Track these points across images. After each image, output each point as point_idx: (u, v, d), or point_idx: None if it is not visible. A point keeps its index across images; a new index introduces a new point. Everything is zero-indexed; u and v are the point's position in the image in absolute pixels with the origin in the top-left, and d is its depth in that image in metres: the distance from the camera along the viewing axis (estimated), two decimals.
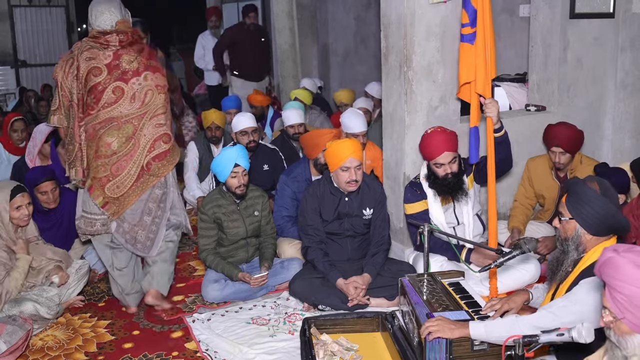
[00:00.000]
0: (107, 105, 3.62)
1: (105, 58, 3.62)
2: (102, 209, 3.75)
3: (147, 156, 3.74)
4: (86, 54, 3.61)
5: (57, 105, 3.69)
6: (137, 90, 3.66)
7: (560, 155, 4.32)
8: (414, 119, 4.25)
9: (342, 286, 3.82)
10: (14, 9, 12.54)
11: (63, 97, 3.65)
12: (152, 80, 3.72)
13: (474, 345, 2.73)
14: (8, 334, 3.34)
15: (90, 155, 3.67)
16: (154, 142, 3.75)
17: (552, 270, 2.80)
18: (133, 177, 3.72)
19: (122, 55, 3.64)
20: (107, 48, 3.63)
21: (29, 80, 12.60)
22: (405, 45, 4.15)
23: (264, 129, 7.12)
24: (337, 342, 3.26)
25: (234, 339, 3.55)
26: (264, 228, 4.32)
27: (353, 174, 3.83)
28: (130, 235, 3.82)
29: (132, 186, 3.73)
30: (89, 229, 3.81)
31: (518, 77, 5.90)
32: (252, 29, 8.05)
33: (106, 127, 3.63)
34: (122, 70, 3.63)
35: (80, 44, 3.67)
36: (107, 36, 3.64)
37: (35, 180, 4.22)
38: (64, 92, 3.64)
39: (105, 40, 3.64)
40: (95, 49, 3.62)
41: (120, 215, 3.77)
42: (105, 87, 3.60)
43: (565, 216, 2.69)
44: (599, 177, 2.79)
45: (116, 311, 4.04)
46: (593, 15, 4.96)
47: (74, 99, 3.62)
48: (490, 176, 3.64)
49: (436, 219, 3.99)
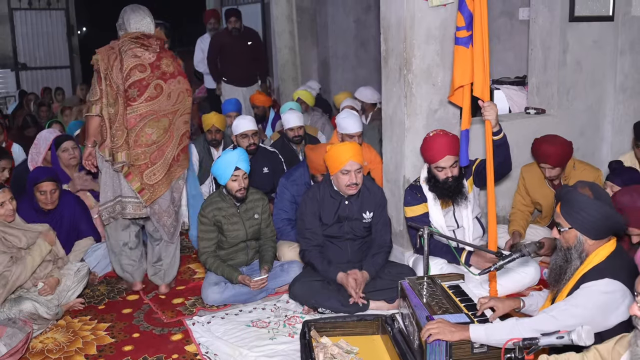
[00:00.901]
0: (150, 99, 3.98)
1: (149, 58, 4.00)
2: (138, 194, 4.06)
3: (178, 148, 4.16)
4: (131, 51, 3.96)
5: (98, 96, 3.96)
6: (172, 90, 4.08)
7: (549, 171, 4.33)
8: (413, 122, 4.26)
9: (342, 279, 3.83)
10: (14, 12, 12.57)
11: (108, 87, 3.95)
12: (183, 84, 4.17)
13: (474, 347, 2.73)
14: (8, 337, 3.34)
15: (130, 143, 3.99)
16: (182, 136, 4.20)
17: (555, 279, 2.77)
18: (167, 166, 4.10)
19: (163, 59, 4.06)
20: (149, 49, 4.02)
21: (29, 83, 12.62)
22: (405, 48, 4.16)
23: (265, 130, 7.12)
24: (337, 344, 3.26)
25: (234, 341, 3.55)
26: (263, 231, 4.33)
27: (353, 177, 3.84)
28: (159, 217, 4.18)
29: (165, 174, 4.10)
30: (137, 212, 4.12)
31: (517, 80, 5.92)
32: (234, 33, 7.80)
33: (147, 119, 3.99)
34: (162, 71, 4.04)
35: (121, 42, 4.00)
36: (150, 39, 4.04)
37: (36, 178, 4.25)
38: (109, 83, 3.95)
39: (148, 42, 4.03)
40: (139, 49, 3.99)
41: (154, 201, 4.10)
42: (149, 83, 3.98)
43: (564, 227, 2.67)
44: (588, 182, 2.78)
45: (116, 314, 4.04)
46: (592, 18, 4.97)
47: (120, 89, 3.94)
48: (490, 179, 3.65)
49: (436, 222, 4.00)
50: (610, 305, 2.51)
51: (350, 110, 5.31)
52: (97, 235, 4.60)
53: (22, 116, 8.58)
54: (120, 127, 3.97)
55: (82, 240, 4.51)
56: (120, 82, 3.93)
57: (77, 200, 4.60)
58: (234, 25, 7.82)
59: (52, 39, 13.19)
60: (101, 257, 4.57)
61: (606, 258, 2.62)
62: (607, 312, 2.51)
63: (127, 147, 3.97)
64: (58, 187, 4.34)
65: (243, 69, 7.91)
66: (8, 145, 6.13)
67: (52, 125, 6.52)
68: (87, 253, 4.52)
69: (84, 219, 4.54)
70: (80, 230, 4.53)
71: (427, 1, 4.09)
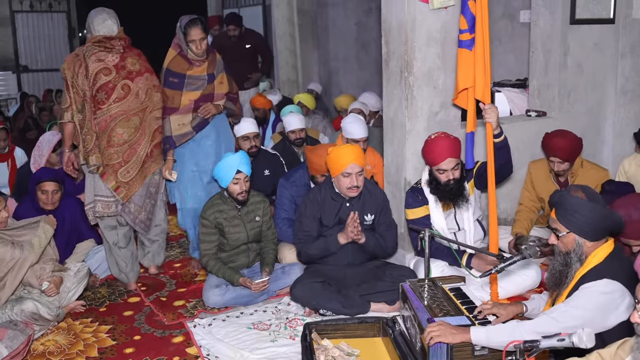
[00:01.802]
0: (118, 100, 4.12)
1: (112, 60, 4.12)
2: (114, 193, 4.20)
3: (150, 144, 4.31)
4: (94, 56, 4.08)
5: (68, 103, 4.13)
6: (140, 88, 4.20)
7: (558, 165, 4.34)
8: (414, 125, 4.26)
9: (342, 236, 3.86)
10: (16, 14, 12.59)
11: (75, 94, 4.11)
12: (151, 80, 4.28)
13: (475, 350, 2.73)
14: (9, 339, 3.35)
15: (102, 145, 4.14)
16: (154, 132, 4.33)
17: (556, 283, 2.77)
18: (140, 162, 4.25)
19: (127, 58, 4.17)
20: (112, 51, 4.12)
21: (30, 86, 12.64)
22: (406, 51, 4.16)
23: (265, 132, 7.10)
24: (338, 347, 3.26)
25: (235, 344, 3.55)
26: (265, 233, 4.33)
27: (354, 180, 3.84)
28: (134, 216, 4.34)
29: (139, 171, 4.25)
30: (106, 210, 4.26)
31: (518, 83, 5.92)
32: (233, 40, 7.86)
33: (117, 120, 4.13)
34: (127, 71, 4.15)
35: (85, 48, 4.12)
36: (112, 41, 4.12)
37: (39, 177, 4.32)
38: (75, 90, 4.10)
39: (110, 44, 4.12)
40: (102, 52, 4.10)
41: (129, 198, 4.26)
42: (115, 85, 4.10)
43: (562, 231, 2.67)
44: (581, 185, 2.78)
45: (117, 316, 4.04)
46: (593, 21, 4.98)
47: (87, 95, 4.09)
48: (491, 182, 3.65)
49: (437, 225, 4.00)
50: (609, 306, 2.52)
51: (356, 114, 5.28)
52: (98, 237, 4.60)
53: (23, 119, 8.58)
54: (89, 131, 4.13)
55: (83, 242, 4.53)
56: (87, 88, 4.07)
57: (78, 203, 4.60)
58: (233, 33, 7.87)
59: (54, 42, 13.21)
60: (102, 259, 4.57)
61: (604, 259, 2.63)
62: (607, 313, 2.52)
63: (97, 149, 4.14)
64: (60, 189, 4.35)
65: (240, 72, 7.88)
66: (11, 150, 6.14)
67: (53, 127, 6.53)
68: (88, 255, 4.53)
69: (84, 221, 4.54)
70: (81, 233, 4.55)
71: (428, 4, 4.10)
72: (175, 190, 4.64)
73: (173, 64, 4.44)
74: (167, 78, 4.44)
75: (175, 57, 4.45)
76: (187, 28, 4.36)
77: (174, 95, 4.44)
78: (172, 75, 4.44)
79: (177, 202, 4.68)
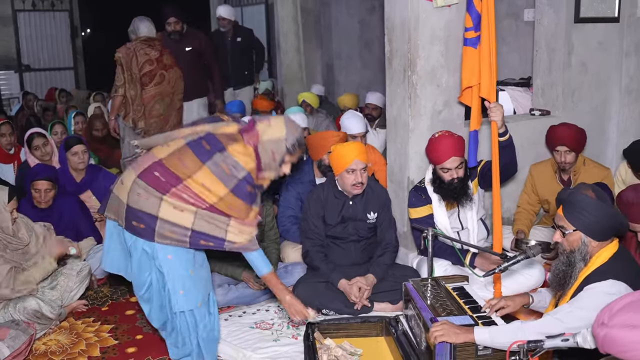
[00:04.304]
0: (157, 84, 5.75)
1: (154, 54, 5.71)
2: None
3: (177, 117, 5.97)
4: (142, 51, 5.65)
5: (122, 82, 5.62)
6: (171, 77, 5.84)
7: (565, 155, 4.33)
8: (418, 123, 4.25)
9: (345, 287, 3.81)
10: (18, 13, 12.60)
11: (129, 75, 5.60)
12: (177, 72, 5.91)
13: (478, 350, 2.71)
14: (11, 339, 3.34)
15: (146, 114, 5.73)
16: (178, 109, 6.04)
17: (559, 284, 2.75)
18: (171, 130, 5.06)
19: (164, 55, 5.79)
20: (154, 48, 5.72)
21: (32, 85, 12.65)
22: (410, 49, 4.14)
23: None
24: (341, 346, 3.25)
25: (237, 343, 3.54)
26: (267, 233, 4.31)
27: (359, 177, 3.82)
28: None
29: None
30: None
31: (522, 82, 5.90)
32: (174, 37, 6.46)
33: (155, 99, 5.75)
34: (163, 64, 5.77)
35: (135, 44, 5.66)
36: (154, 41, 5.75)
37: (34, 175, 4.31)
38: (129, 73, 5.60)
39: (153, 43, 5.73)
40: (147, 48, 5.68)
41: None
42: (155, 73, 5.72)
43: (569, 229, 2.65)
44: (590, 184, 2.78)
45: (119, 315, 4.03)
46: (598, 19, 4.96)
47: (136, 78, 5.62)
48: (495, 181, 3.63)
49: (440, 224, 3.99)
50: None
51: (353, 110, 5.33)
52: (98, 236, 4.59)
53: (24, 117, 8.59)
54: (139, 103, 5.69)
55: (83, 241, 4.49)
56: (137, 72, 5.61)
57: (77, 201, 4.60)
58: (174, 28, 6.48)
59: (56, 41, 13.22)
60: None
61: (609, 259, 2.61)
62: None
63: (144, 117, 5.70)
64: (54, 188, 4.36)
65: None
66: (18, 149, 6.11)
67: (55, 126, 6.54)
68: (89, 255, 4.50)
69: (84, 220, 4.54)
70: (80, 231, 4.53)
71: (432, 2, 4.08)
72: None
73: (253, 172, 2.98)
74: (244, 186, 2.91)
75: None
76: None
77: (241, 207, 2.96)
78: (251, 184, 2.96)
79: None
